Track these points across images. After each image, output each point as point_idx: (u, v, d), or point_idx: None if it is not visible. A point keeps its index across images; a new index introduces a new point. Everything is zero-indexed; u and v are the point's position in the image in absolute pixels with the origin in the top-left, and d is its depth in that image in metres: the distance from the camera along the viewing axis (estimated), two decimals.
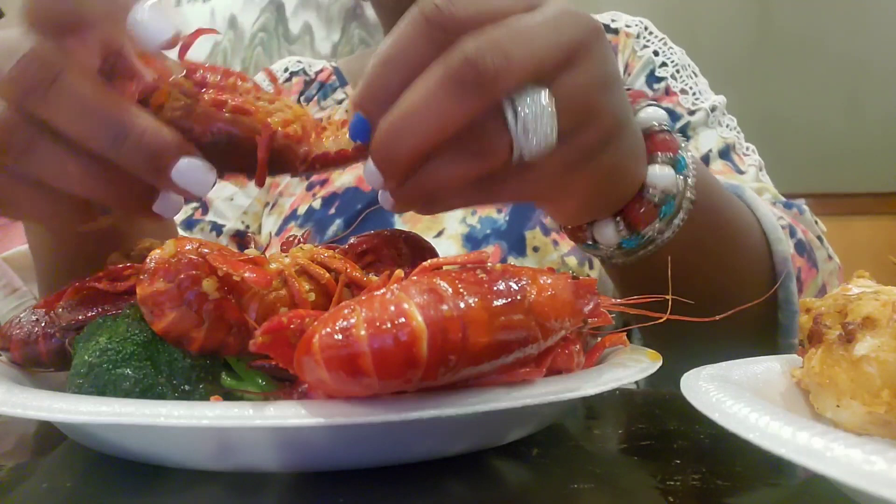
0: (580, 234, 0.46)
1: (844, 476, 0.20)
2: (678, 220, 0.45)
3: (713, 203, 0.50)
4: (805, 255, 0.61)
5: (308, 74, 1.00)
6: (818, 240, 0.66)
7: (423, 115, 0.32)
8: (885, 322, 0.29)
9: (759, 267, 0.56)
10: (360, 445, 0.31)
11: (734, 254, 0.54)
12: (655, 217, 0.44)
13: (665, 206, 0.44)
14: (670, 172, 0.44)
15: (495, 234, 0.76)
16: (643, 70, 0.84)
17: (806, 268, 0.60)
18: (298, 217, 0.83)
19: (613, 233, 0.44)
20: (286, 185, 0.89)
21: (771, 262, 0.56)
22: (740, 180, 0.74)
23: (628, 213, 0.44)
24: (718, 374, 0.32)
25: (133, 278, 0.37)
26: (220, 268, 0.33)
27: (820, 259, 0.64)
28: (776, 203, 0.69)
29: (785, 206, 0.69)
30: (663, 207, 0.44)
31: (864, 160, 2.09)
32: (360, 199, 0.81)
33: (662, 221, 0.44)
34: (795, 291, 0.56)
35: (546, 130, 0.33)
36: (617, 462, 0.36)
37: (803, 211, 0.69)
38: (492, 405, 0.29)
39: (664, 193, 0.43)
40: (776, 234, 0.56)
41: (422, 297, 0.28)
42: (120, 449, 0.33)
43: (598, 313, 0.36)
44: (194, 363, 0.34)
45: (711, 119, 0.79)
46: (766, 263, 0.56)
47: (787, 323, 0.57)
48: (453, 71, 0.32)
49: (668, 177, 0.43)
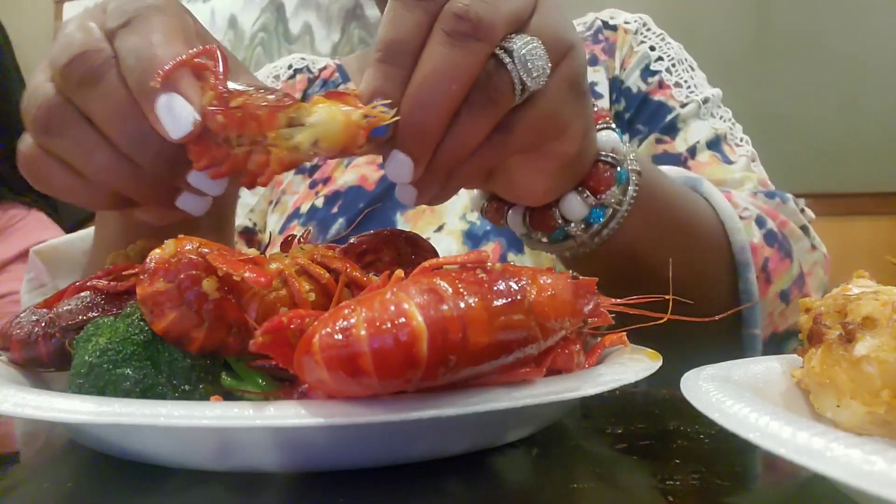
0: (548, 219, 0.48)
1: (844, 476, 0.20)
2: (631, 187, 0.48)
3: (663, 187, 0.53)
4: (776, 244, 0.62)
5: (312, 72, 1.00)
6: (802, 230, 0.66)
7: (440, 79, 0.35)
8: (884, 322, 0.29)
9: (718, 257, 0.58)
10: (360, 445, 0.31)
11: (690, 245, 0.56)
12: (613, 179, 0.47)
13: (619, 170, 0.48)
14: (614, 135, 0.48)
15: (495, 231, 0.76)
16: (638, 65, 0.84)
17: (777, 258, 0.61)
18: (301, 216, 0.83)
19: (580, 203, 0.47)
20: (289, 183, 0.89)
21: (731, 252, 0.58)
22: (728, 170, 0.74)
23: (589, 179, 0.47)
24: (718, 374, 0.32)
25: (133, 278, 0.37)
26: (220, 268, 0.33)
27: (800, 249, 0.64)
28: (757, 193, 0.70)
29: (767, 195, 0.69)
30: (618, 171, 0.48)
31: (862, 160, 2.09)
32: (363, 198, 0.82)
33: (619, 188, 0.48)
34: (753, 281, 0.57)
35: (540, 62, 0.37)
36: (617, 462, 0.36)
37: (786, 200, 0.69)
38: (492, 405, 0.29)
39: (615, 152, 0.48)
40: (733, 223, 0.58)
41: (422, 297, 0.28)
42: (120, 449, 0.33)
43: (598, 313, 0.36)
44: (194, 363, 0.34)
45: (703, 111, 0.79)
46: (725, 254, 0.58)
47: (748, 313, 0.57)
48: (450, 29, 0.35)
49: (614, 138, 0.48)
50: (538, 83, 0.38)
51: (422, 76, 0.36)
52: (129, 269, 0.40)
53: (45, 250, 0.67)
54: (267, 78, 1.00)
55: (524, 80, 0.37)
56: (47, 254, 0.67)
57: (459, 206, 0.79)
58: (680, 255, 0.53)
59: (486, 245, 0.76)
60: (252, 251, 0.38)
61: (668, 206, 0.54)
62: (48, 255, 0.67)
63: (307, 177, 0.88)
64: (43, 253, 0.67)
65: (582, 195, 0.47)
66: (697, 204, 0.59)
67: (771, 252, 0.60)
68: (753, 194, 0.69)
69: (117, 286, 0.39)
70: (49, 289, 0.67)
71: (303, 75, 0.99)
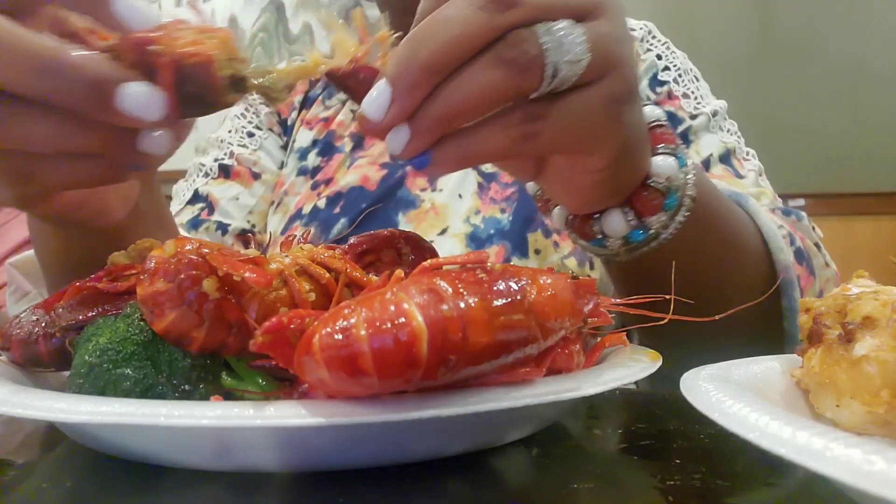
0: (587, 228, 0.47)
1: (844, 476, 0.20)
2: (681, 215, 0.46)
3: (713, 207, 0.51)
4: (804, 262, 0.61)
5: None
6: (815, 246, 0.66)
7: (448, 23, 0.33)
8: (884, 322, 0.29)
9: (758, 274, 0.56)
10: (360, 445, 0.31)
11: (733, 260, 0.54)
12: (661, 207, 0.45)
13: (669, 198, 0.45)
14: (673, 162, 0.45)
15: (498, 235, 0.76)
16: (646, 73, 0.84)
17: (805, 275, 0.60)
18: (304, 216, 0.83)
19: (622, 222, 0.45)
20: (291, 184, 0.89)
21: (769, 270, 0.56)
22: (740, 185, 0.74)
23: (635, 201, 0.45)
24: (718, 374, 0.32)
25: (133, 278, 0.37)
26: (220, 268, 0.33)
27: (817, 266, 0.64)
28: (775, 210, 0.69)
29: (783, 213, 0.69)
30: (667, 199, 0.45)
31: (865, 161, 2.09)
32: (365, 199, 0.82)
33: (667, 214, 0.45)
34: (797, 298, 0.56)
35: (579, 49, 0.35)
36: (617, 462, 0.36)
37: (801, 217, 0.68)
38: (492, 405, 0.29)
39: (668, 181, 0.45)
40: (777, 242, 0.56)
41: (422, 297, 0.28)
42: (120, 449, 0.33)
43: (598, 313, 0.36)
44: (194, 363, 0.34)
45: (713, 124, 0.79)
46: (764, 272, 0.56)
47: (793, 331, 0.56)
48: None
49: (671, 166, 0.45)
50: (572, 72, 0.35)
51: (431, 16, 0.33)
52: (129, 269, 0.40)
53: (20, 262, 0.68)
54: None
55: (556, 62, 0.34)
56: (23, 265, 0.67)
57: (464, 209, 0.79)
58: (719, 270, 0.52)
59: (490, 249, 0.76)
60: (252, 251, 0.38)
61: (716, 226, 0.52)
62: (25, 266, 0.67)
63: (309, 178, 0.89)
64: (19, 265, 0.68)
65: (625, 214, 0.45)
66: (743, 221, 0.57)
67: (801, 270, 0.60)
68: (772, 210, 0.68)
69: (117, 286, 0.39)
70: (35, 296, 0.67)
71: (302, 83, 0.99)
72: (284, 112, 0.96)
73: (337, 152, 0.89)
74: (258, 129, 0.95)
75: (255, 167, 0.91)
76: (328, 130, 0.91)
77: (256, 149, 0.93)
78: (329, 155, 0.89)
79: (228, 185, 0.89)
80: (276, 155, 0.94)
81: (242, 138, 0.93)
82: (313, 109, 0.95)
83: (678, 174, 0.45)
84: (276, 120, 0.96)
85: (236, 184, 0.90)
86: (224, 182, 0.90)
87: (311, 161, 0.90)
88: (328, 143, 0.90)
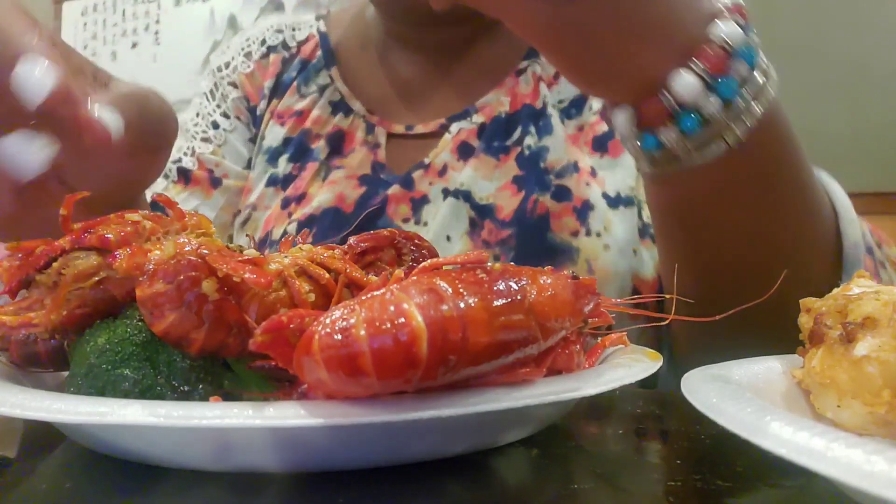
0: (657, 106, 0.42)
1: (845, 476, 0.20)
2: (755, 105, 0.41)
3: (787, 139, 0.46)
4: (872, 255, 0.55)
5: (288, 48, 0.89)
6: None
7: None
8: (885, 322, 0.29)
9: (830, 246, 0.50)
10: (359, 445, 0.31)
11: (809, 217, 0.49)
12: (725, 66, 0.40)
13: (736, 59, 0.40)
14: (738, 30, 0.41)
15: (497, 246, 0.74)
16: None
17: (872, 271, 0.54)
18: (274, 243, 0.76)
19: (695, 81, 0.40)
20: (260, 197, 0.81)
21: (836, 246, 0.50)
22: None
23: (700, 58, 0.41)
24: (718, 374, 0.31)
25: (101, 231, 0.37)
26: (219, 269, 0.33)
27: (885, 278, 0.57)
28: None
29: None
30: (734, 60, 0.40)
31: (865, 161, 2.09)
32: (340, 225, 0.73)
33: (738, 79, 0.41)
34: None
35: None
36: (617, 462, 0.36)
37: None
38: (492, 405, 0.29)
39: (734, 43, 0.40)
40: (849, 214, 0.51)
41: (422, 297, 0.28)
42: (119, 449, 0.33)
43: (598, 313, 0.36)
44: (193, 364, 0.34)
45: None
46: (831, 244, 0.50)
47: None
48: None
49: (736, 32, 0.41)
50: None
51: None
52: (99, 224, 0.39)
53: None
54: (238, 54, 0.89)
55: None
56: None
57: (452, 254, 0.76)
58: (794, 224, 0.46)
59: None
60: (252, 252, 0.38)
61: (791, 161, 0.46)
62: None
63: (280, 189, 0.80)
64: None
65: (695, 68, 0.40)
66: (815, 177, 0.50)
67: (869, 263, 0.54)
68: None
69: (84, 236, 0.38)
70: None
71: (277, 55, 0.89)
72: (254, 98, 0.87)
73: (311, 160, 0.80)
74: (225, 116, 0.86)
75: (217, 169, 0.83)
76: (302, 129, 0.82)
77: (220, 144, 0.85)
78: (302, 161, 0.80)
79: (187, 195, 0.83)
80: (241, 152, 0.86)
81: (207, 129, 0.85)
82: (286, 99, 0.85)
83: (743, 38, 0.41)
84: (244, 107, 0.87)
85: (195, 195, 0.83)
86: (183, 191, 0.83)
87: (282, 168, 0.81)
88: (301, 144, 0.81)
